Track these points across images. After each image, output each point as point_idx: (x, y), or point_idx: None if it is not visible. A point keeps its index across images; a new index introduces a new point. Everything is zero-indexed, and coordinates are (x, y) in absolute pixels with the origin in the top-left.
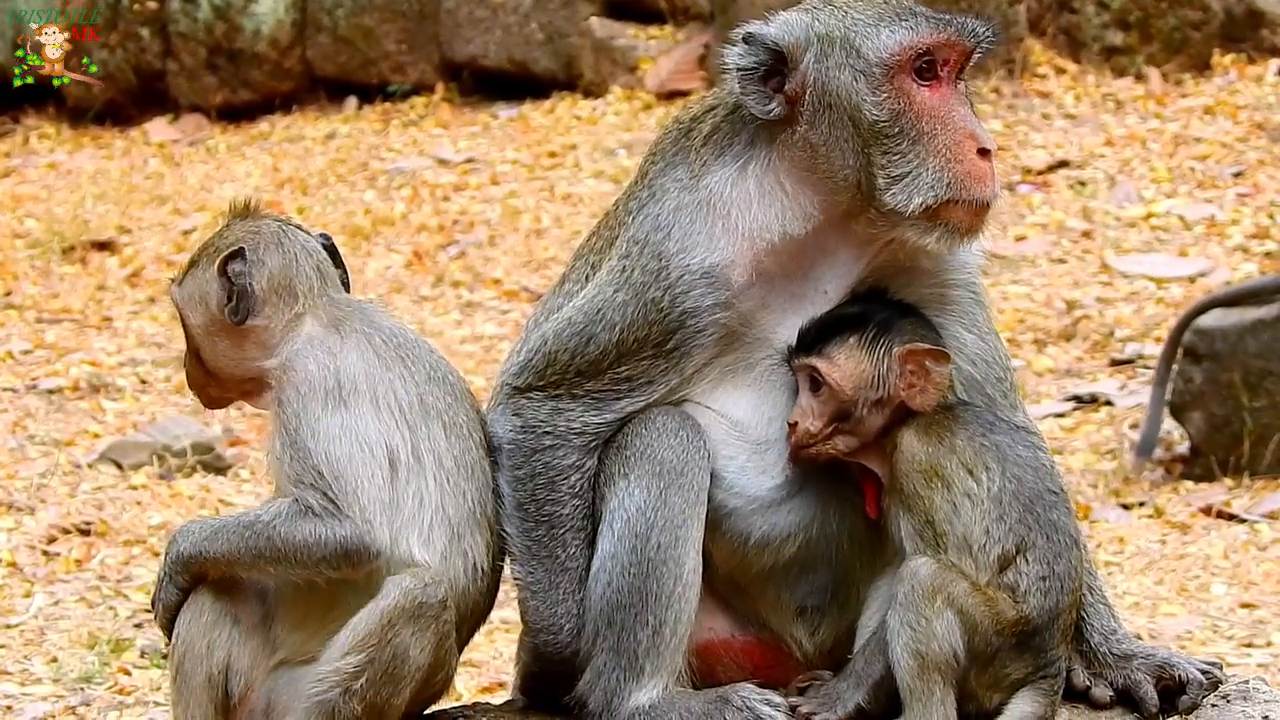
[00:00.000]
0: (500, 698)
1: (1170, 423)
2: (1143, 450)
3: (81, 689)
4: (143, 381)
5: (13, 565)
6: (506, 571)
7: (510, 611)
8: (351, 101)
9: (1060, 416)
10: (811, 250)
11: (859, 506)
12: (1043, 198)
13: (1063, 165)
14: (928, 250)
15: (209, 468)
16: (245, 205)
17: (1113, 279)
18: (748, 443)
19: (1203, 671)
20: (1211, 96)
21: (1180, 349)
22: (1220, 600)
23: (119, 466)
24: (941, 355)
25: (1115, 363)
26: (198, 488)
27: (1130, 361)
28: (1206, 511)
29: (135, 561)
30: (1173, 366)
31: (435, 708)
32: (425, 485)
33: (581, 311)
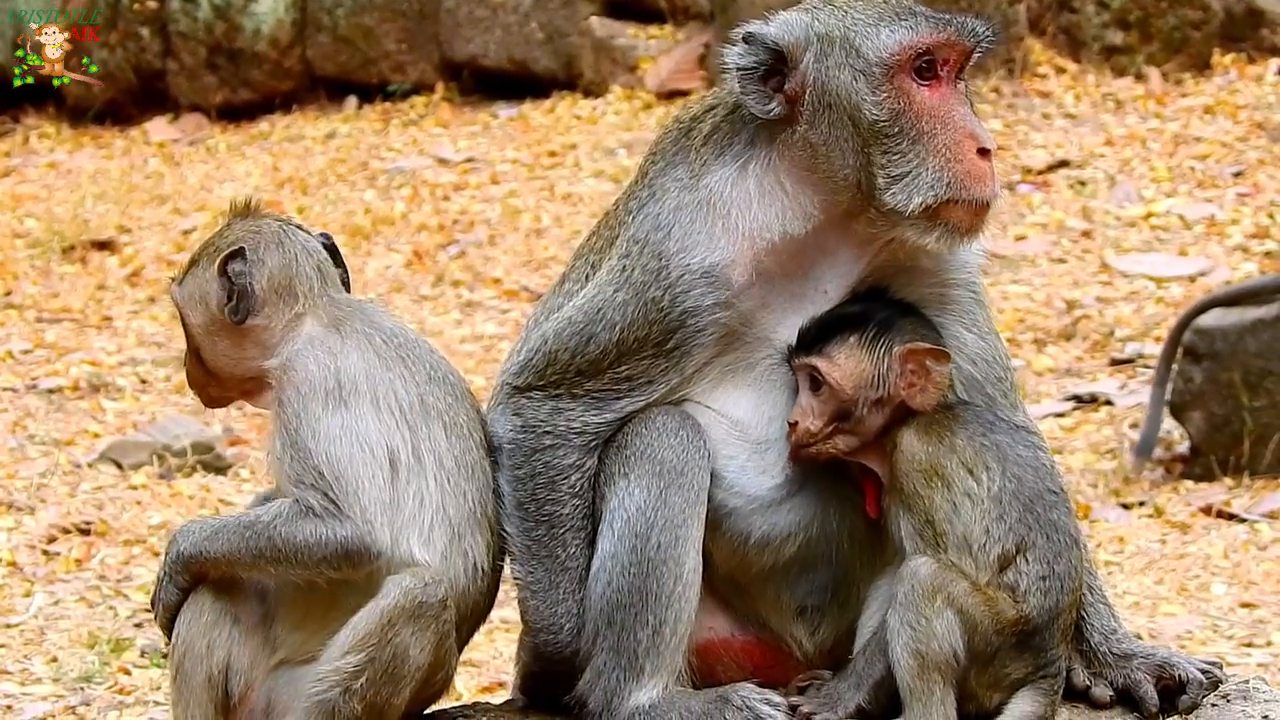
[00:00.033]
0: (500, 697)
1: (1170, 422)
2: (1142, 450)
3: (81, 689)
4: (143, 381)
5: (13, 565)
6: (506, 571)
7: (510, 611)
8: (351, 101)
9: (1060, 416)
10: (811, 250)
11: (859, 506)
12: (1043, 197)
13: (1063, 165)
14: (928, 250)
15: (209, 467)
16: (246, 205)
17: (1113, 278)
18: (748, 442)
19: (1203, 671)
20: (1211, 96)
21: (1180, 348)
22: (1220, 600)
23: (119, 466)
24: (942, 354)
25: (1115, 362)
26: (198, 487)
27: (1130, 361)
28: (1206, 511)
29: (135, 561)
30: (1172, 366)
31: (435, 707)
32: (426, 485)
33: (582, 311)
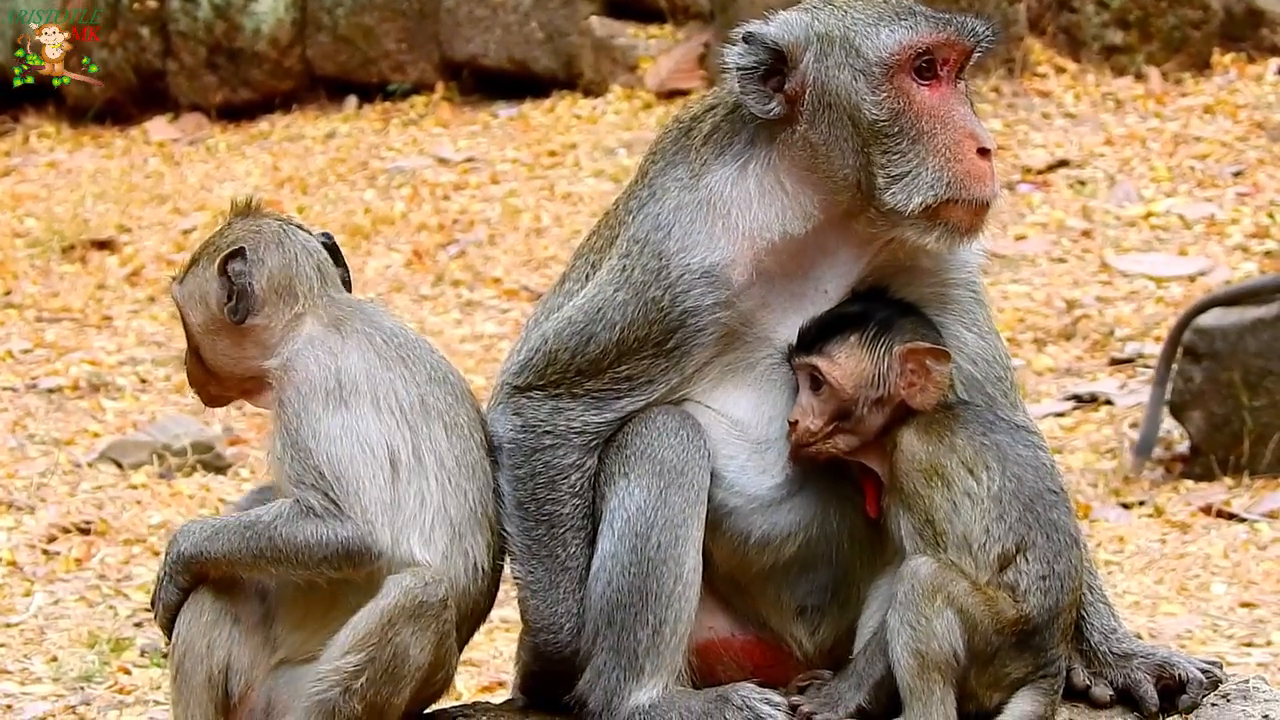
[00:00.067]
0: (500, 697)
1: (1170, 422)
2: (1141, 450)
3: (81, 688)
4: (143, 380)
5: (13, 564)
6: (506, 571)
7: (510, 610)
8: (351, 100)
9: (1060, 416)
10: (812, 249)
11: (859, 506)
12: (1042, 197)
13: (1062, 164)
14: (928, 250)
15: (209, 467)
16: (246, 204)
17: (1112, 278)
18: (748, 442)
19: (1203, 670)
20: (1211, 96)
21: (1180, 348)
22: (1220, 599)
23: (119, 466)
24: (942, 354)
25: (1115, 362)
26: (198, 487)
27: (1130, 361)
28: (1206, 511)
29: (135, 561)
30: (1172, 366)
31: (435, 707)
32: (427, 485)
33: (582, 311)
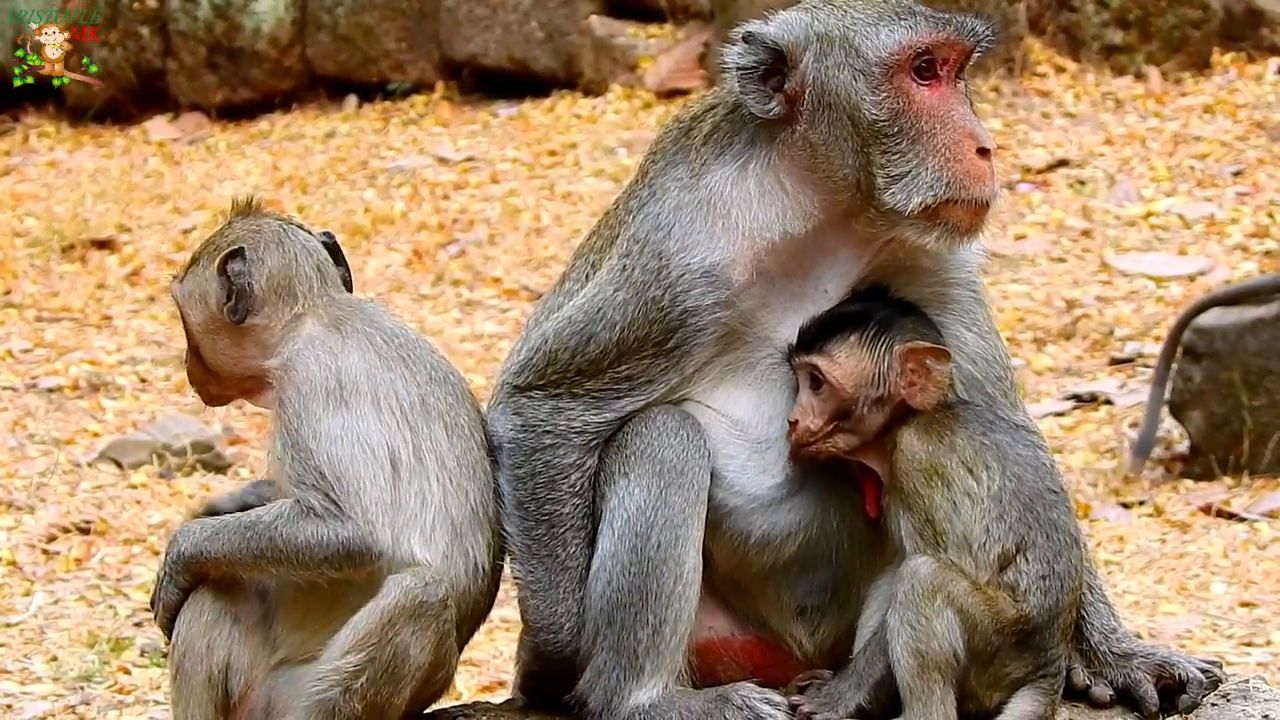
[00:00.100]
0: (500, 697)
1: (1170, 421)
2: (1140, 450)
3: (81, 688)
4: (142, 380)
5: (12, 564)
6: (506, 570)
7: (510, 610)
8: (351, 100)
9: (1060, 415)
10: (812, 249)
11: (859, 505)
12: (1042, 196)
13: (1062, 164)
14: (927, 249)
15: (209, 466)
16: (247, 203)
17: (1112, 278)
18: (748, 442)
19: (1203, 670)
20: (1211, 95)
21: (1180, 348)
22: (1220, 599)
23: (119, 465)
24: (942, 353)
25: (1115, 361)
26: (197, 486)
27: (1130, 360)
28: (1206, 510)
29: (135, 560)
30: (1172, 365)
31: (435, 706)
32: (428, 485)
33: (582, 310)
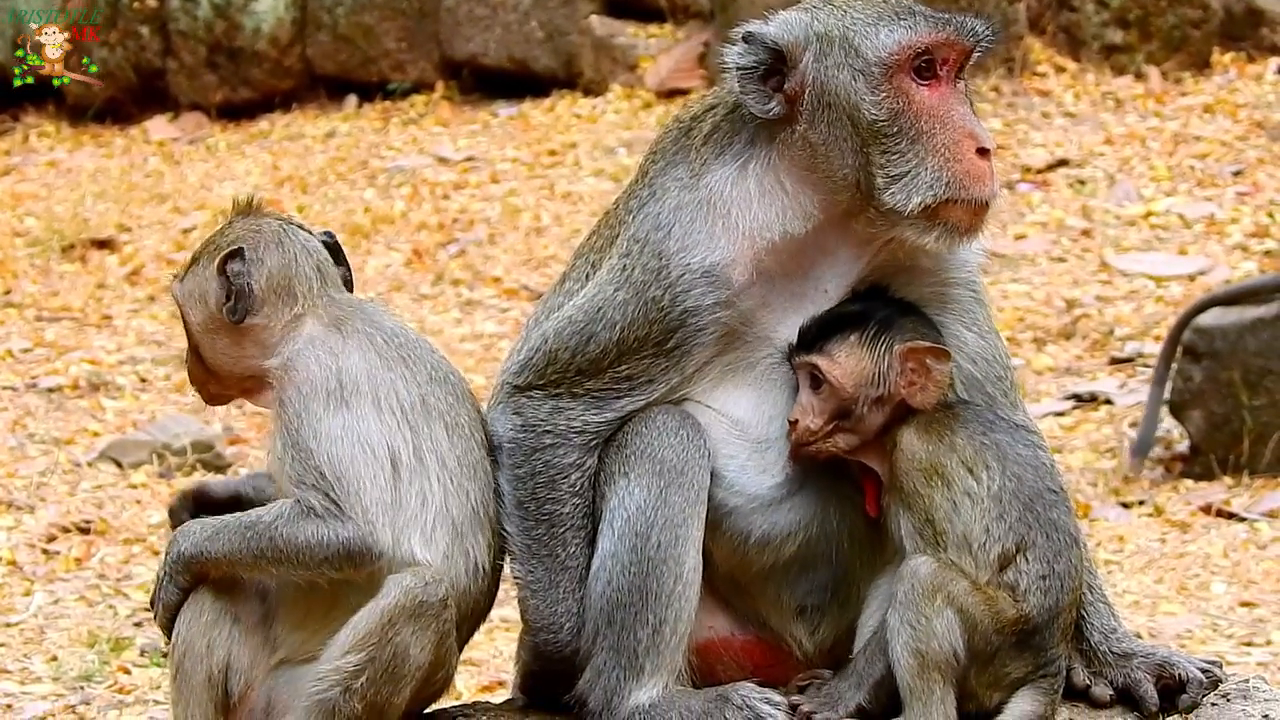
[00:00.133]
0: (500, 696)
1: (1170, 421)
2: (1138, 450)
3: (81, 688)
4: (142, 380)
5: (12, 564)
6: (506, 570)
7: (510, 610)
8: (351, 100)
9: (1060, 415)
10: (812, 249)
11: (859, 505)
12: (1042, 196)
13: (1062, 164)
14: (927, 249)
15: (209, 466)
16: (248, 203)
17: (1112, 277)
18: (748, 441)
19: (1203, 670)
20: (1211, 95)
21: (1180, 347)
22: (1220, 599)
23: (119, 465)
24: (942, 353)
25: (1115, 361)
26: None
27: (1130, 360)
28: (1206, 510)
29: (135, 560)
30: (1172, 365)
31: (435, 706)
32: (428, 485)
33: (582, 310)
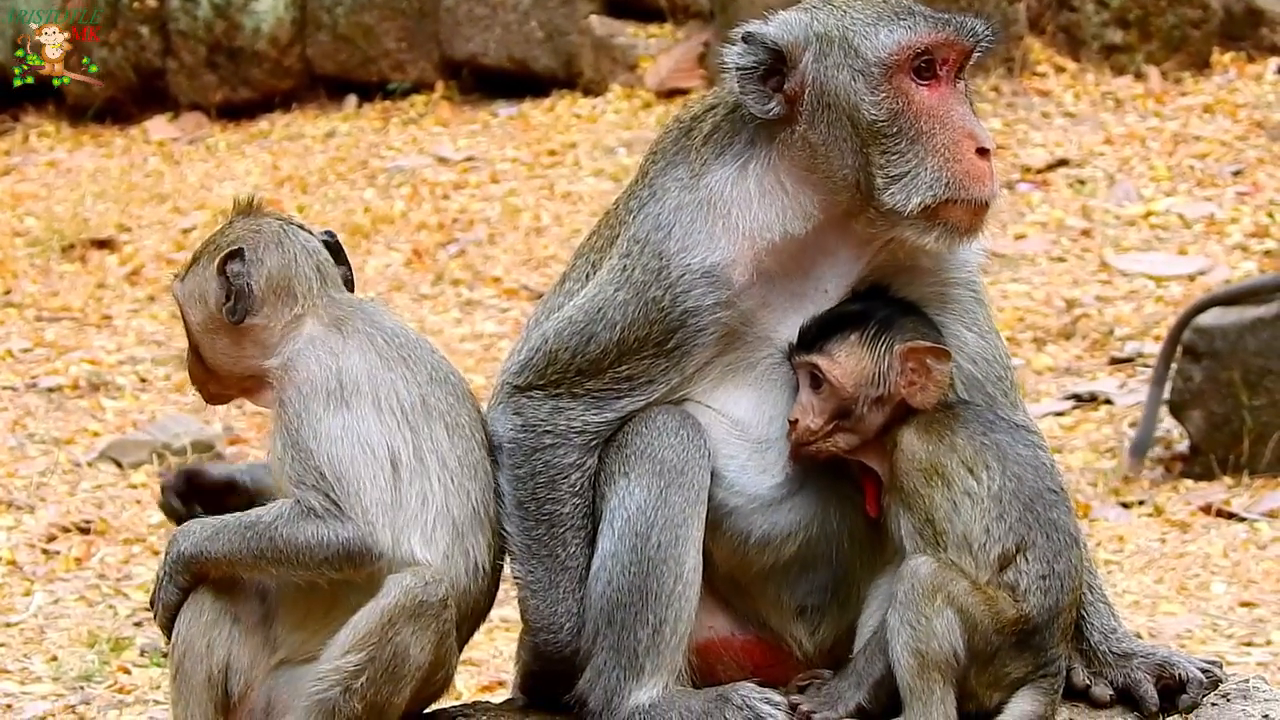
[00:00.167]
0: (500, 696)
1: (1170, 421)
2: (1137, 450)
3: (81, 687)
4: (142, 380)
5: (12, 564)
6: (506, 570)
7: (510, 610)
8: (351, 99)
9: (1060, 415)
10: (812, 249)
11: (859, 505)
12: (1042, 196)
13: (1062, 164)
14: (927, 249)
15: None
16: (249, 203)
17: (1112, 277)
18: (748, 441)
19: (1203, 670)
20: (1211, 95)
21: (1180, 347)
22: (1220, 599)
23: (119, 465)
24: (942, 353)
25: (1115, 361)
26: None
27: (1130, 360)
28: (1206, 510)
29: (135, 560)
30: (1171, 365)
31: (435, 706)
32: (429, 485)
33: (582, 310)
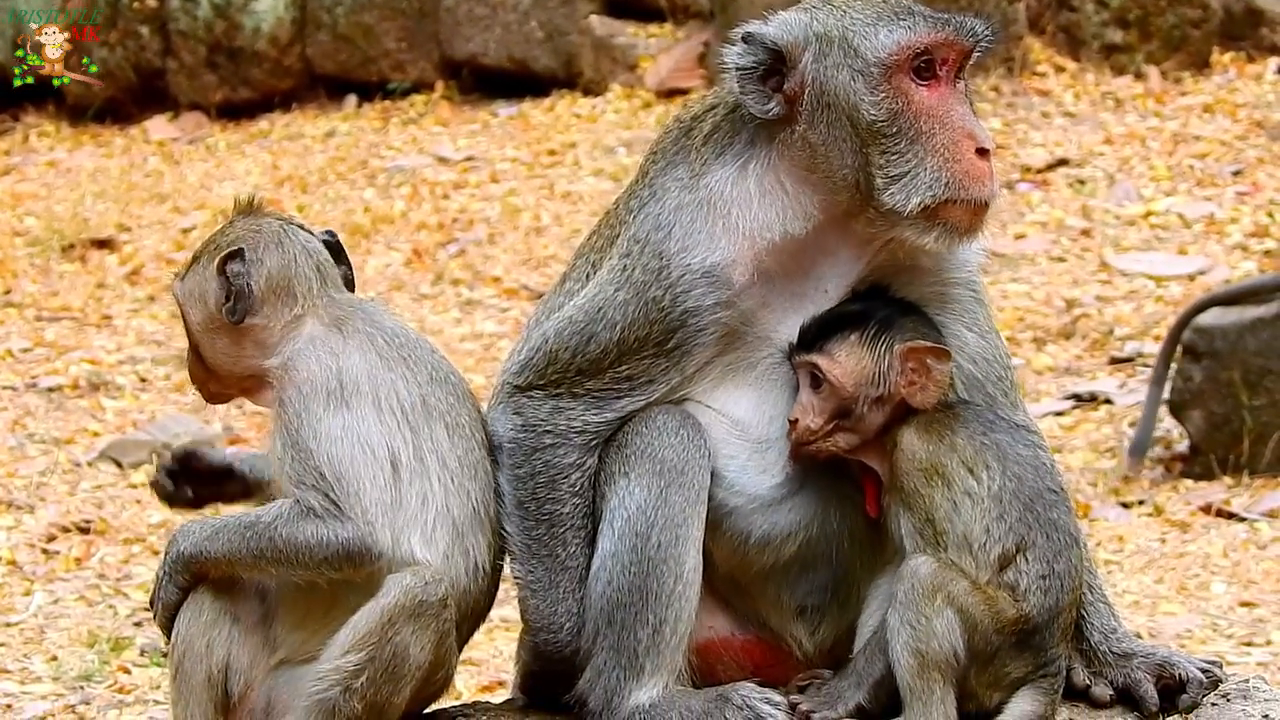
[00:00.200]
0: (500, 696)
1: (1170, 421)
2: (1136, 450)
3: (81, 687)
4: (142, 379)
5: (12, 564)
6: (506, 570)
7: (510, 610)
8: (351, 99)
9: (1060, 415)
10: (812, 249)
11: (859, 505)
12: (1042, 196)
13: (1062, 163)
14: (927, 249)
15: None
16: (249, 203)
17: (1112, 277)
18: (748, 441)
19: (1203, 670)
20: (1211, 95)
21: (1180, 347)
22: (1220, 599)
23: (119, 465)
24: (942, 353)
25: (1115, 361)
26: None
27: (1130, 360)
28: (1206, 510)
29: (135, 560)
30: (1171, 365)
31: (435, 706)
32: (429, 485)
33: (582, 310)
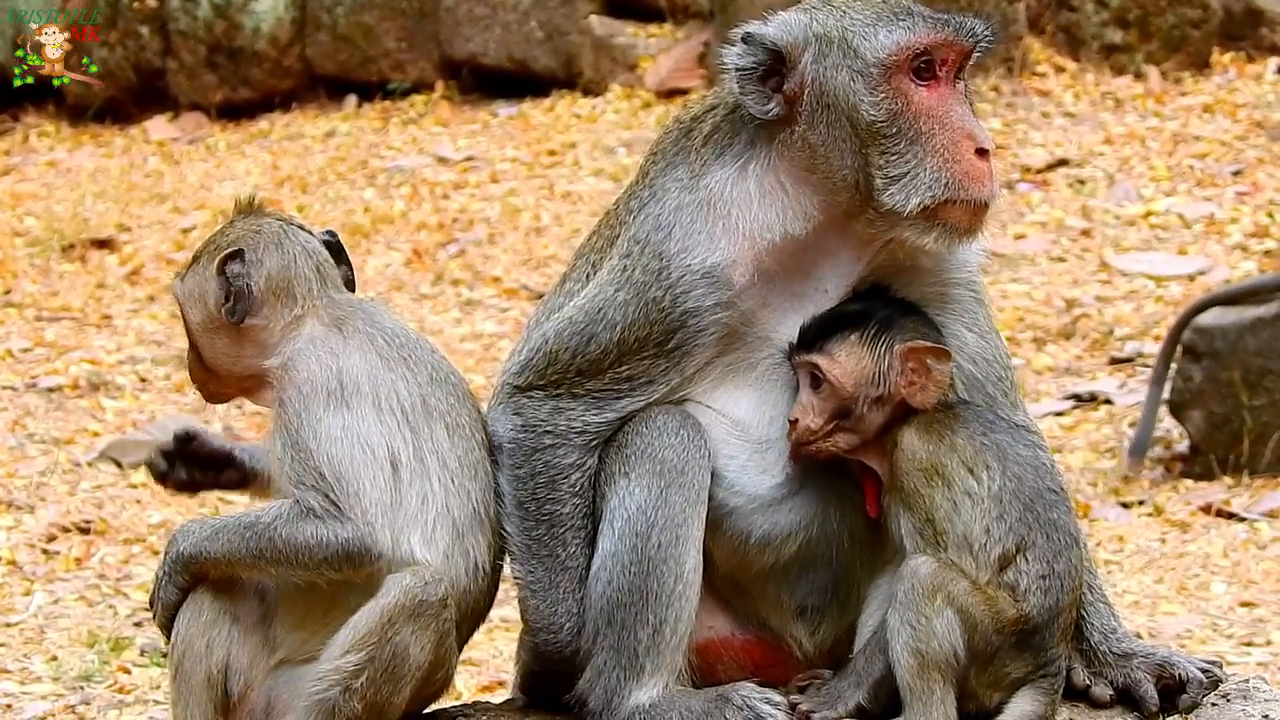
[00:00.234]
0: (500, 696)
1: (1170, 421)
2: (1135, 451)
3: (81, 687)
4: (142, 379)
5: (12, 564)
6: (506, 570)
7: (510, 610)
8: (351, 99)
9: (1060, 415)
10: (812, 249)
11: (859, 505)
12: (1042, 196)
13: (1062, 163)
14: (927, 250)
15: None
16: (249, 203)
17: (1112, 277)
18: (749, 441)
19: (1203, 670)
20: (1211, 95)
21: (1180, 347)
22: (1220, 599)
23: (119, 465)
24: (942, 353)
25: (1115, 361)
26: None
27: (1130, 360)
28: (1206, 510)
29: (135, 560)
30: (1171, 365)
31: (435, 706)
32: (429, 485)
33: (582, 311)
